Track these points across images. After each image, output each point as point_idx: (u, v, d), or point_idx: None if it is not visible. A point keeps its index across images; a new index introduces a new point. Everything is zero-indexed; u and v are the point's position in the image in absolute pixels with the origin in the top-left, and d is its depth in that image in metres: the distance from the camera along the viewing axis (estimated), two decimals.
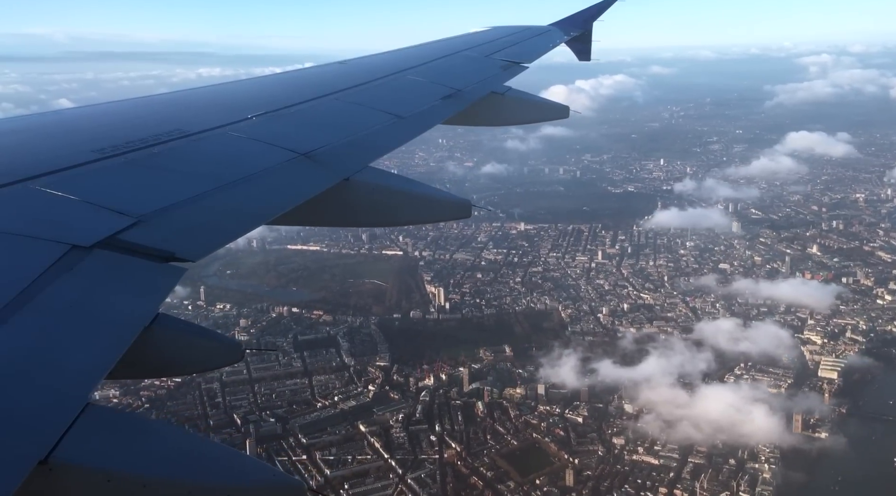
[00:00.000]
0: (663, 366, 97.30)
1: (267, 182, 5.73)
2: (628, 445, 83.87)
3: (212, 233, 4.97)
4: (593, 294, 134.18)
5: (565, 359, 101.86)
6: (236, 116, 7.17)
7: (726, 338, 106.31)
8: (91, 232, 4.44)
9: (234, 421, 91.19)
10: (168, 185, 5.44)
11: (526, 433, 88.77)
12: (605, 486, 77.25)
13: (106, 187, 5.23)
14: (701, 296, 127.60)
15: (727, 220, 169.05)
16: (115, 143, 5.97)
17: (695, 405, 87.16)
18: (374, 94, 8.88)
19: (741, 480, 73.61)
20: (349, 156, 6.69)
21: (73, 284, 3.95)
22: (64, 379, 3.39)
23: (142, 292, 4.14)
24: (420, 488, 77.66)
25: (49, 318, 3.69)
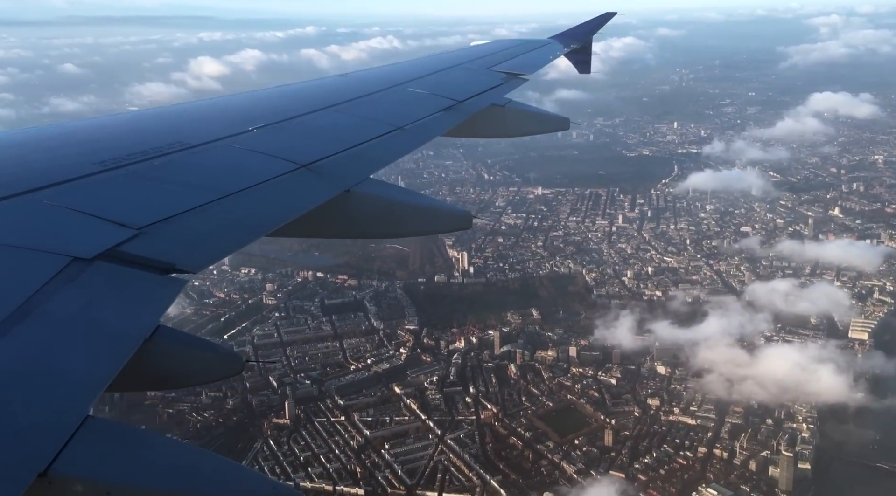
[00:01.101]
0: (719, 326, 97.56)
1: (268, 193, 5.76)
2: (664, 406, 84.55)
3: (213, 244, 5.00)
4: (616, 258, 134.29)
5: (621, 321, 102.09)
6: (237, 128, 7.14)
7: (773, 298, 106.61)
8: (92, 244, 4.45)
9: (269, 383, 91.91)
10: (169, 196, 5.44)
11: (560, 394, 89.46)
12: (644, 446, 78.02)
13: (107, 199, 5.23)
14: (725, 258, 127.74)
15: (747, 183, 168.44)
16: (116, 155, 5.97)
17: (756, 365, 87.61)
18: (374, 105, 8.88)
19: (781, 439, 74.34)
20: (350, 167, 6.68)
21: (74, 296, 3.95)
22: (64, 391, 3.36)
23: (142, 304, 4.15)
24: (460, 448, 78.48)
25: (50, 330, 3.68)
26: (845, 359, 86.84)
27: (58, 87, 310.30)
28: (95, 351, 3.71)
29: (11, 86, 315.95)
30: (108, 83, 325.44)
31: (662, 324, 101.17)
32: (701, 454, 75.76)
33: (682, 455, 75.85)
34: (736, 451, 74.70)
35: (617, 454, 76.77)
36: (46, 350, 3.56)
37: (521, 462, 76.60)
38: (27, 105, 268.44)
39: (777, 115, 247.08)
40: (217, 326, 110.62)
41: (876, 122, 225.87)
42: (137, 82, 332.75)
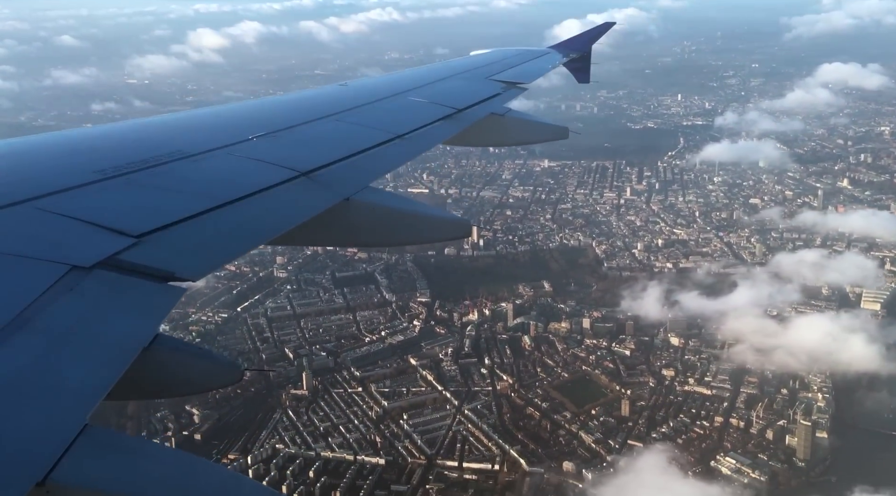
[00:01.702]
0: (734, 297, 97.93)
1: (267, 201, 5.75)
2: (679, 376, 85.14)
3: (212, 252, 4.97)
4: (625, 230, 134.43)
5: (645, 292, 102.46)
6: (237, 137, 7.10)
7: (788, 269, 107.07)
8: (91, 252, 4.44)
9: (286, 355, 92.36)
10: (168, 205, 5.42)
11: (575, 365, 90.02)
12: (660, 416, 78.69)
13: (106, 207, 5.21)
14: (736, 231, 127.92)
15: (755, 155, 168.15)
16: (116, 163, 5.97)
17: (780, 334, 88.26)
18: (374, 114, 8.84)
19: (798, 408, 75.00)
20: (350, 175, 6.65)
21: (72, 305, 3.95)
22: (63, 399, 3.37)
23: (141, 313, 4.15)
24: (478, 419, 79.11)
25: (48, 339, 3.68)
26: (866, 328, 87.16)
27: (57, 59, 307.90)
28: (94, 359, 3.73)
29: (11, 58, 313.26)
30: (108, 56, 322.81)
31: (682, 296, 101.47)
32: (717, 423, 76.43)
33: (698, 424, 76.57)
34: (752, 421, 75.38)
35: (634, 424, 77.42)
36: (45, 358, 3.57)
37: (539, 432, 77.28)
38: (29, 77, 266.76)
39: (781, 87, 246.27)
40: (230, 299, 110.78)
41: (882, 93, 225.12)
42: (138, 54, 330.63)
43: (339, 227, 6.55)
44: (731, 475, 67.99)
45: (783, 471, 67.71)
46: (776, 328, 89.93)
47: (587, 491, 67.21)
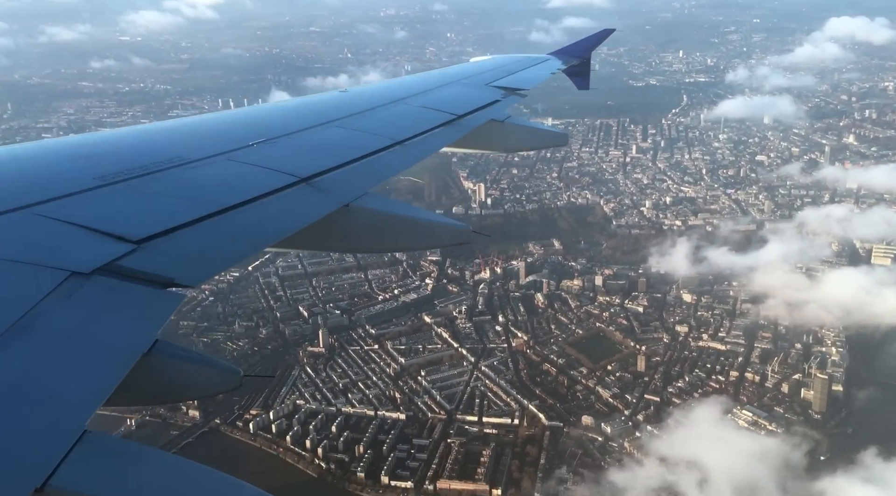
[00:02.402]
0: (768, 253, 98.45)
1: (267, 207, 5.74)
2: (692, 332, 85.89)
3: (211, 258, 4.97)
4: (633, 188, 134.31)
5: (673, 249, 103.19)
6: (237, 144, 7.02)
7: (798, 225, 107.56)
8: (91, 258, 4.44)
9: (300, 313, 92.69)
10: (168, 211, 5.41)
11: (589, 322, 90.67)
12: (676, 371, 79.58)
13: (106, 214, 5.20)
14: (744, 187, 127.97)
15: (760, 112, 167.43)
16: (116, 169, 5.96)
17: (817, 288, 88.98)
18: (374, 121, 8.75)
19: (812, 362, 75.92)
20: (349, 182, 6.59)
21: (72, 311, 3.95)
22: (62, 406, 3.37)
23: (141, 319, 4.15)
24: (495, 375, 79.89)
25: (47, 345, 3.69)
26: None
27: (49, 15, 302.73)
28: (93, 365, 3.73)
29: (3, 14, 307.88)
30: (101, 11, 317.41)
31: (691, 252, 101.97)
32: (733, 378, 77.35)
33: (714, 379, 77.46)
34: (768, 375, 76.26)
35: (650, 379, 78.30)
36: (44, 364, 3.58)
37: (556, 387, 78.13)
38: (23, 34, 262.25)
39: (784, 42, 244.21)
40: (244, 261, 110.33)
41: (888, 47, 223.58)
42: (132, 10, 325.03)
43: (339, 233, 6.59)
44: (748, 428, 68.88)
45: (799, 423, 68.69)
46: (801, 282, 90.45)
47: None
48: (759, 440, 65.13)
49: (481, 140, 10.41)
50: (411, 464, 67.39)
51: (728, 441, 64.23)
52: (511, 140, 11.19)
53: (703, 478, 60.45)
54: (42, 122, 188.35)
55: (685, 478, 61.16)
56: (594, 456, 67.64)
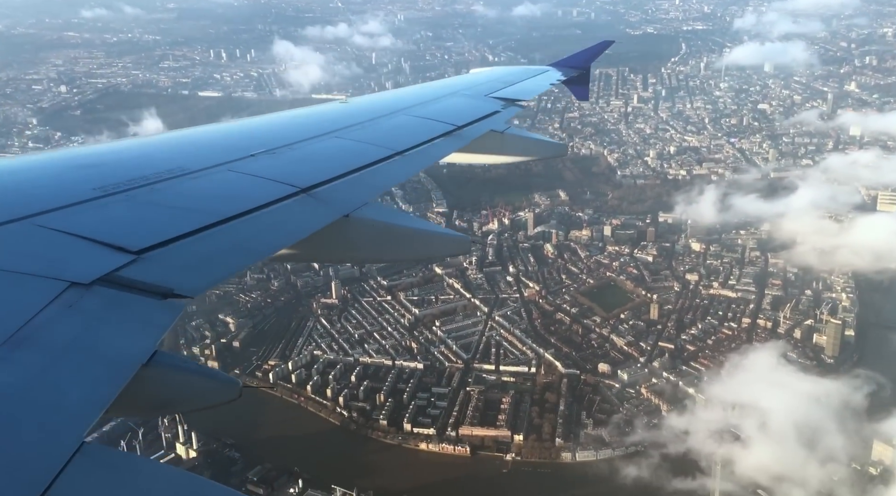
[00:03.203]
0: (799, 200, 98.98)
1: (267, 218, 5.70)
2: (703, 281, 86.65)
3: (211, 269, 4.96)
4: (636, 138, 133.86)
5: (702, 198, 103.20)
6: (238, 154, 6.95)
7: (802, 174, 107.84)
8: (90, 269, 4.43)
9: (310, 265, 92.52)
10: (168, 221, 5.39)
11: (599, 272, 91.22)
12: (688, 319, 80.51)
13: (106, 224, 5.19)
14: (747, 136, 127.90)
15: (760, 60, 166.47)
16: (116, 180, 5.93)
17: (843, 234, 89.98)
18: (375, 132, 8.68)
19: (824, 308, 76.97)
20: (349, 192, 6.51)
21: (71, 322, 3.95)
22: (60, 416, 3.37)
23: (140, 329, 4.16)
24: (510, 324, 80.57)
25: (46, 356, 3.68)
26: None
27: None
28: (92, 376, 3.71)
29: None
30: None
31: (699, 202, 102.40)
32: (745, 325, 78.39)
33: (726, 326, 78.45)
34: (780, 321, 77.27)
35: (663, 327, 79.21)
36: (43, 375, 3.57)
37: (570, 336, 78.92)
38: None
39: None
40: None
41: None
42: None
43: (339, 244, 6.57)
44: (758, 375, 70.00)
45: (813, 368, 69.94)
46: (821, 228, 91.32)
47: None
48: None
49: (481, 150, 10.47)
50: (432, 411, 68.30)
51: (779, 383, 65.16)
52: (510, 150, 11.25)
53: (763, 421, 61.44)
54: (30, 73, 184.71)
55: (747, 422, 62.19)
56: (612, 402, 68.69)
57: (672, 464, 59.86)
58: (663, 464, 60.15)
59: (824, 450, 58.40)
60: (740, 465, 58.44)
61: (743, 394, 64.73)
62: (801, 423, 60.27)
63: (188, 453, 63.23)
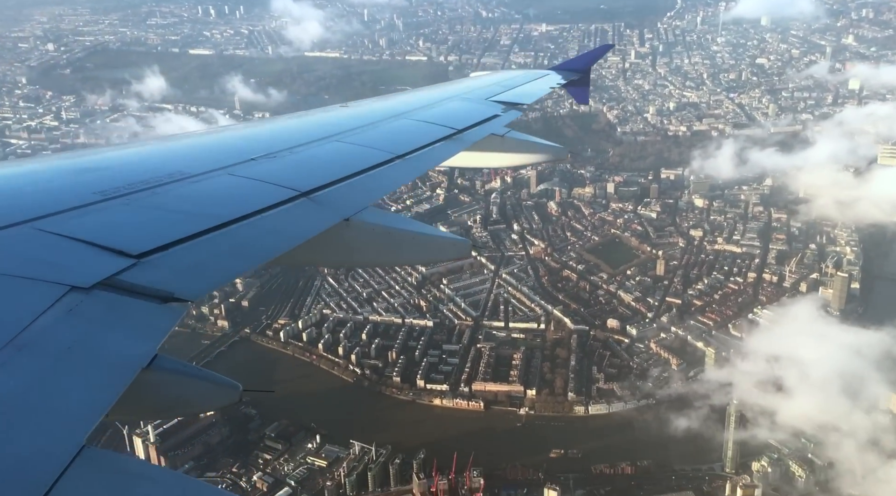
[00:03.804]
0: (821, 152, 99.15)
1: (267, 222, 5.65)
2: (707, 236, 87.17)
3: (211, 273, 4.96)
4: (634, 94, 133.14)
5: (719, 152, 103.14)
6: (239, 158, 6.91)
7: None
8: (90, 273, 4.42)
9: None
10: (168, 225, 5.34)
11: (604, 229, 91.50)
12: (694, 274, 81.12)
13: (106, 228, 5.16)
14: (746, 91, 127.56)
15: (755, 13, 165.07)
16: (116, 184, 5.87)
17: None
18: (375, 136, 8.62)
19: (830, 261, 77.75)
20: (350, 196, 6.42)
21: (71, 326, 3.94)
22: (60, 421, 3.37)
23: (140, 333, 4.16)
24: (517, 282, 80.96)
25: (46, 361, 3.68)
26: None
27: None
28: (93, 380, 3.70)
29: None
30: None
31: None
32: (751, 279, 79.11)
33: (732, 281, 79.16)
34: (785, 276, 78.03)
35: (670, 282, 79.82)
36: (43, 379, 3.55)
37: (578, 292, 79.42)
38: None
39: None
40: None
41: None
42: None
43: (339, 247, 6.50)
44: (769, 326, 70.98)
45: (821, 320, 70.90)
46: (827, 180, 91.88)
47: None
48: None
49: (482, 154, 10.49)
50: (444, 368, 68.93)
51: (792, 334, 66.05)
52: (511, 154, 11.29)
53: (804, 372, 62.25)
54: (15, 31, 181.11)
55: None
56: (622, 357, 69.50)
57: (684, 416, 60.83)
58: (675, 415, 61.13)
59: (851, 397, 59.39)
60: (751, 414, 59.61)
61: (754, 345, 65.65)
62: (814, 373, 61.42)
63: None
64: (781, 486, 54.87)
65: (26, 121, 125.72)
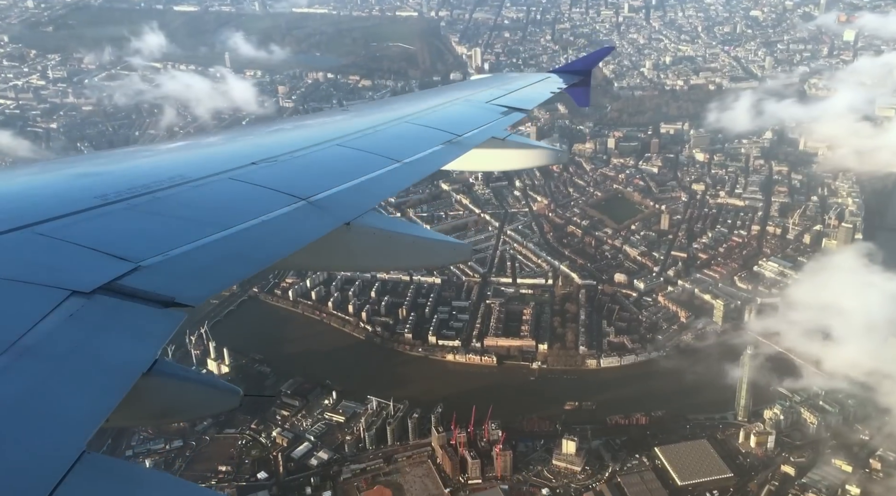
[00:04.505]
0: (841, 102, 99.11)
1: (268, 226, 5.64)
2: (709, 190, 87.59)
3: (212, 277, 4.96)
4: (630, 48, 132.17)
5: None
6: (240, 162, 6.89)
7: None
8: (91, 277, 4.42)
9: None
10: (170, 230, 5.37)
11: (606, 184, 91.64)
12: (699, 228, 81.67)
13: (107, 233, 5.17)
14: (742, 44, 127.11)
15: None
16: (117, 189, 5.86)
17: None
18: (376, 139, 8.56)
19: (833, 213, 78.41)
20: (351, 201, 6.40)
21: (71, 330, 3.95)
22: (61, 426, 3.38)
23: (141, 338, 4.17)
24: (522, 238, 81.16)
25: (47, 365, 3.68)
26: None
27: None
28: (93, 385, 3.70)
29: None
30: None
31: None
32: (755, 232, 79.78)
33: (736, 234, 79.79)
34: (788, 228, 78.75)
35: (674, 236, 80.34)
36: (43, 385, 3.55)
37: (583, 248, 79.78)
38: None
39: None
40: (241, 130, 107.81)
41: None
42: None
43: (340, 252, 6.57)
44: (775, 278, 71.85)
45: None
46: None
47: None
48: None
49: (482, 158, 10.44)
50: (455, 324, 69.36)
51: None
52: (511, 157, 11.26)
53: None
54: None
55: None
56: (630, 310, 70.20)
57: (694, 367, 61.80)
58: (685, 366, 62.08)
59: None
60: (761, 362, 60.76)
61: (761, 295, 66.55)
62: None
63: (220, 369, 63.95)
64: (793, 433, 56.14)
65: (12, 80, 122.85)
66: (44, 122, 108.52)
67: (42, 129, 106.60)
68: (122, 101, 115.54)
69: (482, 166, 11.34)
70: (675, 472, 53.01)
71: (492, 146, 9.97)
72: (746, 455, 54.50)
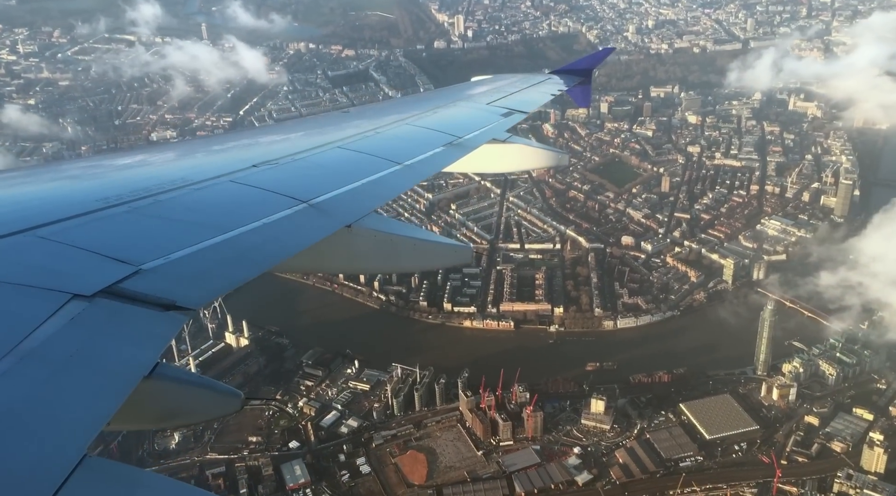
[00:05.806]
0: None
1: (269, 229, 5.69)
2: (705, 152, 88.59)
3: (213, 281, 4.95)
4: (611, 13, 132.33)
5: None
6: (241, 165, 6.99)
7: None
8: (92, 281, 4.43)
9: None
10: (171, 233, 5.40)
11: (602, 149, 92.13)
12: (699, 189, 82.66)
13: (109, 236, 5.20)
14: (722, 6, 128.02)
15: None
16: (118, 192, 5.91)
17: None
18: (376, 142, 8.69)
19: (830, 170, 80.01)
20: (351, 203, 6.46)
21: (72, 334, 3.96)
22: (62, 430, 3.39)
23: (142, 342, 4.16)
24: (526, 204, 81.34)
25: (48, 368, 3.68)
26: None
27: None
28: (94, 388, 3.70)
29: None
30: None
31: None
32: (754, 191, 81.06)
33: (736, 194, 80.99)
34: (787, 187, 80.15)
35: (676, 198, 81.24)
36: (44, 388, 3.55)
37: (587, 212, 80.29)
38: None
39: None
40: (226, 103, 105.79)
41: None
42: None
43: (341, 254, 6.62)
44: (778, 236, 73.22)
45: (826, 227, 73.41)
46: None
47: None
48: None
49: (483, 160, 10.51)
50: (468, 291, 69.47)
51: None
52: (512, 159, 11.36)
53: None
54: None
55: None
56: (641, 271, 71.04)
57: (711, 323, 62.99)
58: (701, 323, 63.24)
59: None
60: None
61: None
62: None
63: (238, 342, 63.31)
64: (812, 385, 57.66)
65: None
66: (20, 98, 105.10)
67: (21, 105, 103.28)
68: (99, 76, 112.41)
69: (483, 168, 11.28)
70: (703, 427, 54.12)
71: (493, 148, 9.92)
72: (770, 408, 55.77)
